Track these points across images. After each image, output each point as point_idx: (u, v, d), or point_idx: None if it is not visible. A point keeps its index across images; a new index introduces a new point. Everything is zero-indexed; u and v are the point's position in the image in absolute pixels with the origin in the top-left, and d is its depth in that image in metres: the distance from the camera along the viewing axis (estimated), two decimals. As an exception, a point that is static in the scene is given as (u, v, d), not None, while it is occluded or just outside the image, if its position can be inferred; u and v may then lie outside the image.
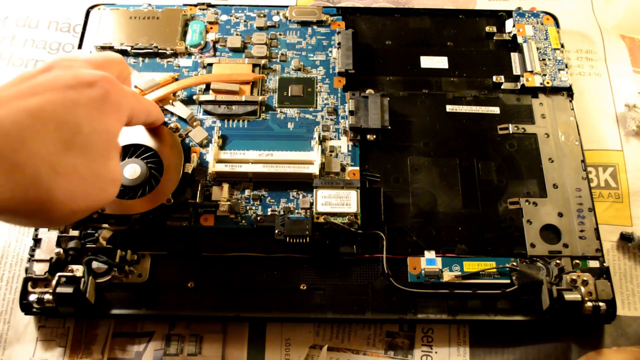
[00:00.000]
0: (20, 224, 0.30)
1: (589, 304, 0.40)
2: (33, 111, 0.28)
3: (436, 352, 0.42)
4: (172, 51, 0.51)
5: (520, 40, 0.53)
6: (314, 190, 0.44)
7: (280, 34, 0.53)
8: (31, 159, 0.27)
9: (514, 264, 0.43)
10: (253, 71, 0.50)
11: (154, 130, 0.44)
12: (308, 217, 0.43)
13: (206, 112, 0.48)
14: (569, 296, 0.39)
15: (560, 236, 0.44)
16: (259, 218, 0.43)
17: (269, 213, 0.44)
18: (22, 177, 0.27)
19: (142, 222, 0.43)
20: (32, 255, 0.42)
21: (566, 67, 0.51)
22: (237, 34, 0.53)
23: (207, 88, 0.49)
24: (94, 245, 0.41)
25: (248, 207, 0.44)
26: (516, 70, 0.52)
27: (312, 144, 0.47)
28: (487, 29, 0.55)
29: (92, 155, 0.30)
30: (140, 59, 0.51)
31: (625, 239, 0.46)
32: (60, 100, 0.29)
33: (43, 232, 0.42)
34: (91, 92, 0.30)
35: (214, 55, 0.52)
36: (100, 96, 0.31)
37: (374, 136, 0.48)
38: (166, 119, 0.47)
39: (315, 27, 0.54)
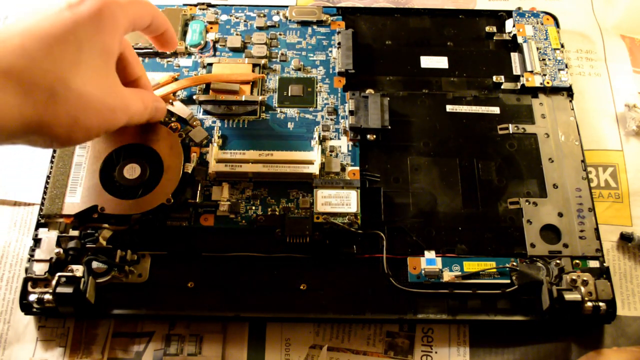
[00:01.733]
0: (43, 144, 0.32)
1: (589, 304, 0.40)
2: (38, 36, 0.30)
3: (436, 352, 0.42)
4: (172, 51, 0.51)
5: (520, 40, 0.53)
6: (314, 190, 0.44)
7: (280, 34, 0.53)
8: (46, 76, 0.29)
9: (514, 264, 0.42)
10: (253, 71, 0.50)
11: (153, 130, 0.44)
12: (308, 217, 0.43)
13: (206, 112, 0.48)
14: (569, 296, 0.39)
15: (560, 236, 0.44)
16: (259, 218, 0.43)
17: (269, 213, 0.44)
18: (41, 94, 0.29)
19: (142, 222, 0.43)
20: (32, 255, 0.41)
21: (566, 67, 0.51)
22: (237, 34, 0.53)
23: (207, 88, 0.49)
24: (94, 245, 0.41)
25: (248, 207, 0.44)
26: (516, 70, 0.52)
27: (312, 143, 0.47)
28: (487, 29, 0.55)
29: (96, 73, 0.32)
30: (140, 58, 0.51)
31: (625, 239, 0.46)
32: (59, 22, 0.30)
33: (43, 232, 0.42)
34: (83, 8, 0.31)
35: (214, 55, 0.52)
36: (93, 12, 0.31)
37: (374, 136, 0.48)
38: (166, 119, 0.47)
39: (315, 27, 0.54)
